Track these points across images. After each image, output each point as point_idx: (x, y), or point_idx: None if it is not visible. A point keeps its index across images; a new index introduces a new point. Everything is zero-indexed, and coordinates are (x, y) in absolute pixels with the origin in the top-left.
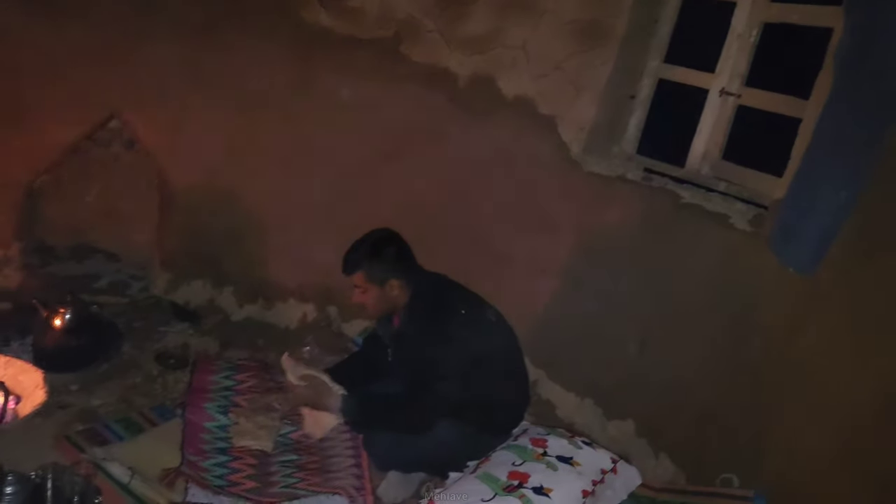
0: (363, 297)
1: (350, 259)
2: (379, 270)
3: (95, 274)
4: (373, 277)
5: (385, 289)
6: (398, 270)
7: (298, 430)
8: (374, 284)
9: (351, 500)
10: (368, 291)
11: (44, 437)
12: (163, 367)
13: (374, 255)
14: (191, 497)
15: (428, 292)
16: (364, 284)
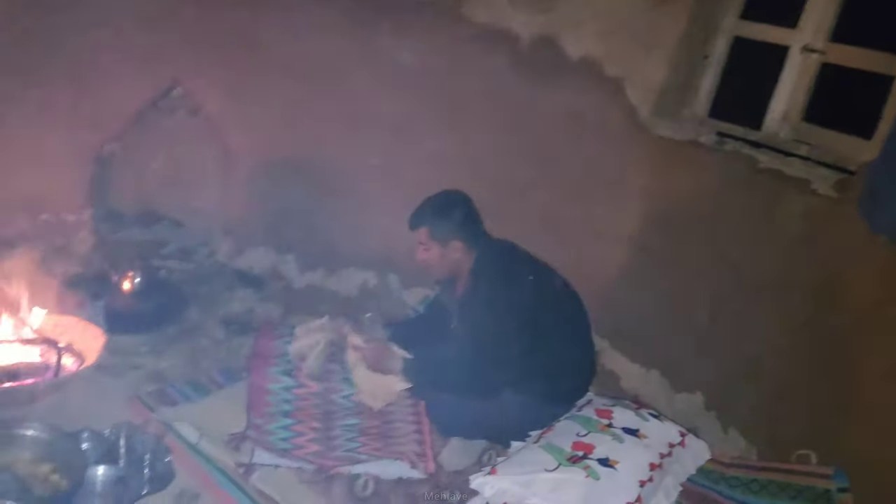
0: (426, 254)
1: (416, 214)
2: (443, 229)
3: (163, 240)
4: (436, 235)
5: (447, 249)
6: (462, 233)
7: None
8: (436, 243)
9: (412, 465)
10: (431, 249)
11: (117, 397)
12: (228, 331)
13: (440, 214)
14: (256, 458)
15: (494, 258)
16: (427, 241)
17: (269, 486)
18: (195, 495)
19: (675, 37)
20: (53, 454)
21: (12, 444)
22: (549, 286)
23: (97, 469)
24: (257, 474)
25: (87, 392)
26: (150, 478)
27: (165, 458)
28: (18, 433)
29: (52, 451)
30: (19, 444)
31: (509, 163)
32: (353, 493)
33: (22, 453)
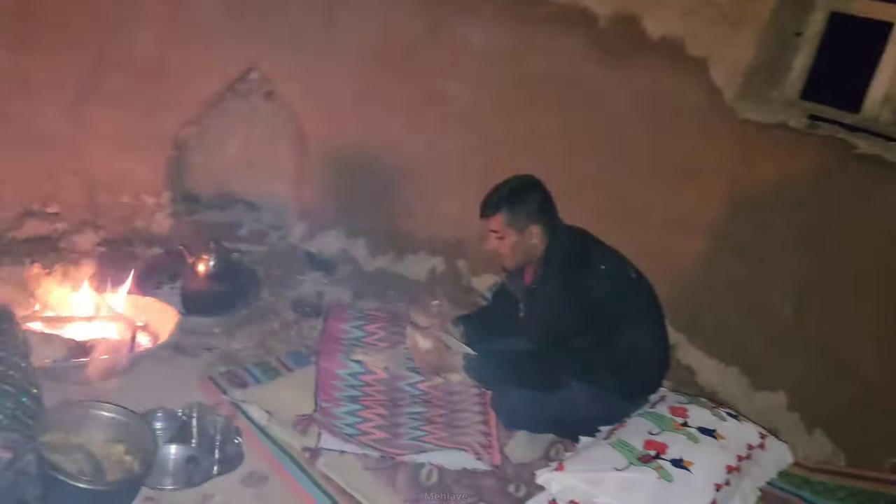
0: (499, 243)
1: (490, 200)
2: (519, 214)
3: (237, 222)
4: (512, 221)
5: (524, 235)
6: (539, 218)
7: (426, 380)
8: (512, 230)
9: (477, 456)
10: (506, 238)
11: (190, 377)
12: (298, 314)
13: (516, 199)
14: (323, 443)
15: (565, 246)
16: (502, 229)
17: (334, 471)
18: (263, 477)
19: (764, 13)
20: (127, 436)
21: (88, 423)
22: (622, 276)
23: (169, 448)
24: (323, 459)
25: (161, 371)
26: (220, 458)
27: (235, 439)
28: (94, 413)
29: (125, 433)
30: (95, 424)
31: (582, 147)
32: (417, 482)
33: (97, 433)
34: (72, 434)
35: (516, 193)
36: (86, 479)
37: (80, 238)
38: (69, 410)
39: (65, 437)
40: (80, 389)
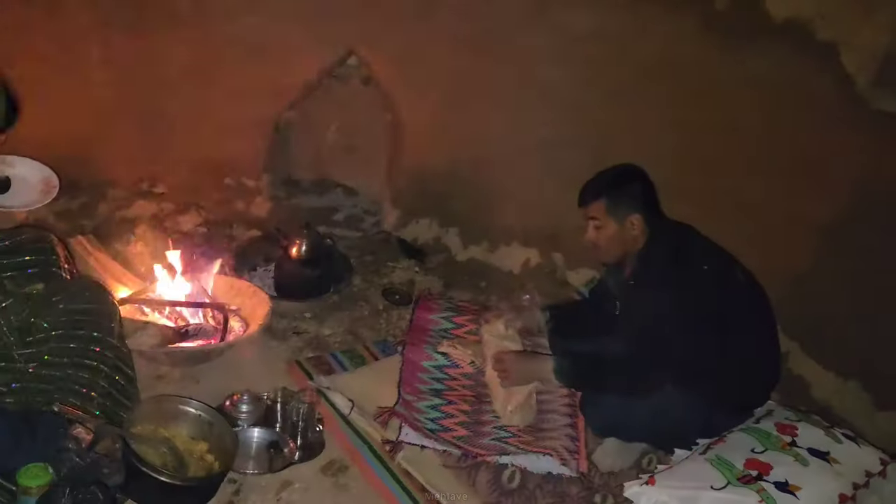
0: (597, 233)
1: (590, 187)
2: (621, 203)
3: (334, 207)
4: (613, 210)
5: (624, 226)
6: (642, 207)
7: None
8: (612, 219)
9: (563, 462)
10: (605, 227)
11: (278, 360)
12: (388, 302)
13: (618, 186)
14: (403, 436)
15: (667, 241)
16: (602, 217)
17: (413, 466)
18: (343, 467)
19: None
20: (210, 435)
21: (176, 418)
22: (730, 277)
23: (252, 431)
24: (403, 453)
25: (251, 353)
26: (302, 445)
27: (317, 427)
28: (183, 409)
29: (209, 432)
30: (182, 419)
31: (690, 138)
32: (499, 484)
33: (183, 429)
34: (161, 427)
35: (619, 181)
36: (167, 473)
37: (184, 218)
38: (160, 404)
39: (154, 429)
40: (172, 372)
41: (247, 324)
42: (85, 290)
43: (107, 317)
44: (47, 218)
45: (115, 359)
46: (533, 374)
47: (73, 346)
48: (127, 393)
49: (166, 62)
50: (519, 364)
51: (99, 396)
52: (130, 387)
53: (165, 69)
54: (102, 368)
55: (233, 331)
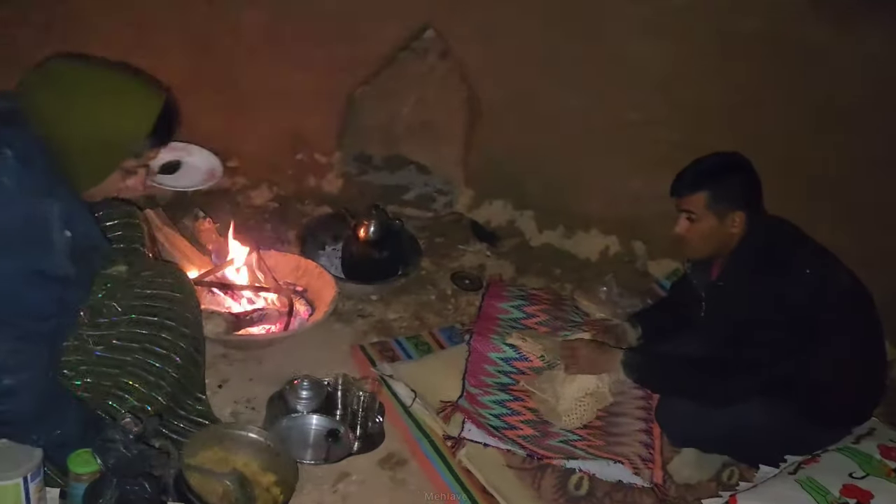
0: (690, 228)
1: (689, 177)
2: (724, 197)
3: (405, 185)
4: (714, 204)
5: (724, 222)
6: (744, 204)
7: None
8: (712, 214)
9: (635, 471)
10: (701, 221)
11: (342, 344)
12: (457, 286)
13: (723, 178)
14: (466, 432)
15: (765, 240)
16: (700, 211)
17: (475, 465)
18: (402, 461)
19: None
20: (278, 468)
21: (246, 447)
22: (832, 282)
23: (311, 419)
24: (465, 450)
25: (314, 335)
26: (362, 436)
27: (377, 417)
28: (252, 438)
29: (277, 465)
30: (252, 449)
31: (794, 123)
32: (565, 490)
33: (253, 460)
34: (231, 455)
35: (723, 172)
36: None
37: (256, 193)
38: (229, 430)
39: (224, 457)
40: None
41: (312, 307)
42: (163, 275)
43: (182, 304)
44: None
45: (188, 349)
46: (601, 364)
47: (143, 332)
48: (196, 383)
49: (241, 34)
50: (589, 351)
51: (168, 386)
52: (199, 376)
53: (240, 41)
54: (174, 358)
55: (298, 314)
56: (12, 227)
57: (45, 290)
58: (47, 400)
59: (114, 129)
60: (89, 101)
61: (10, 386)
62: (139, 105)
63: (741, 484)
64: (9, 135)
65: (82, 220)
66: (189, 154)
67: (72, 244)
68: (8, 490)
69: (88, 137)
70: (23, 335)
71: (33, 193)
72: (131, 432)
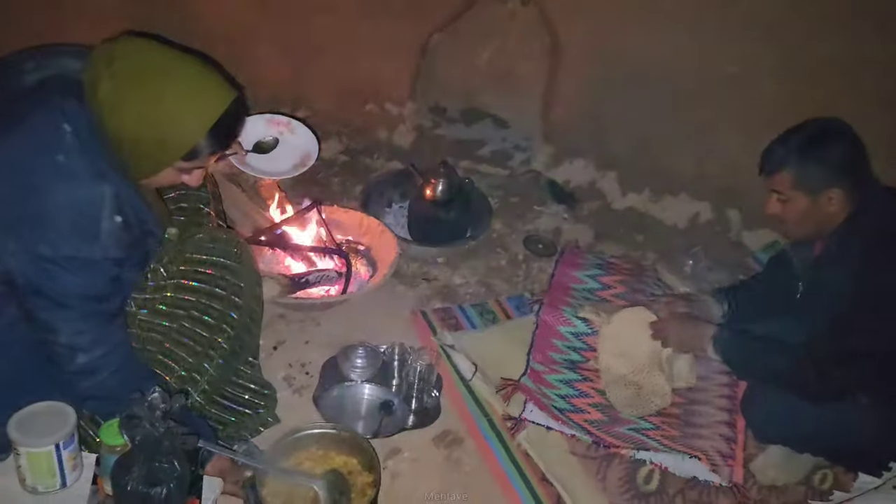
0: (782, 208)
1: (774, 153)
2: (815, 173)
3: (481, 140)
4: (803, 182)
5: (818, 201)
6: (843, 179)
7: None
8: (802, 193)
9: (713, 467)
10: (792, 202)
11: (403, 308)
12: (529, 251)
13: (812, 152)
14: (527, 413)
15: (877, 218)
16: (788, 191)
17: (535, 449)
18: (458, 440)
19: None
20: (374, 465)
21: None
22: None
23: (364, 388)
24: (525, 432)
25: (375, 298)
26: (417, 409)
27: (433, 392)
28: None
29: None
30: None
31: None
32: (633, 484)
33: (351, 457)
34: (329, 452)
35: (813, 145)
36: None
37: (325, 146)
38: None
39: (324, 454)
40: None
41: (374, 268)
42: (216, 241)
43: (235, 273)
44: None
45: (242, 319)
46: (691, 340)
47: (190, 300)
48: (250, 349)
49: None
50: (677, 327)
51: (219, 356)
52: (253, 344)
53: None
54: (225, 329)
55: (358, 276)
56: (62, 208)
57: (94, 273)
58: (128, 375)
59: (168, 129)
60: (146, 98)
61: (85, 364)
62: (199, 109)
63: (835, 494)
64: (72, 110)
65: (135, 207)
66: (291, 132)
67: (123, 229)
68: (41, 457)
69: (140, 134)
70: (84, 315)
71: (87, 175)
72: (158, 409)
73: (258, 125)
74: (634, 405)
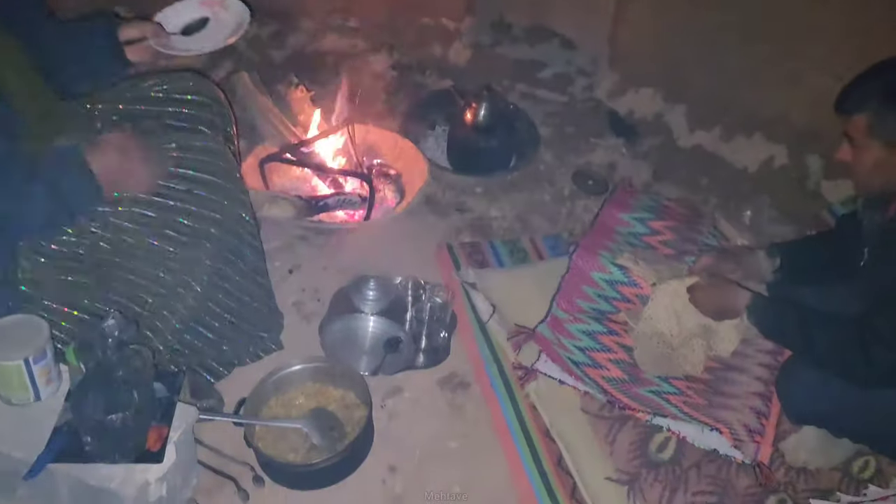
0: (854, 154)
1: (852, 92)
2: (892, 120)
3: (543, 62)
4: (879, 129)
5: (891, 153)
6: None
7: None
8: (877, 142)
9: (736, 443)
10: (865, 150)
11: (430, 239)
12: (577, 187)
13: (892, 96)
14: (540, 364)
15: None
16: (861, 137)
17: (543, 403)
18: (464, 384)
19: None
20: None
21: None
22: None
23: (372, 321)
24: (534, 384)
25: (403, 225)
26: (425, 349)
27: (442, 333)
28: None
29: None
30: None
31: None
32: (645, 451)
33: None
34: (325, 386)
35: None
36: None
37: (375, 58)
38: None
39: (320, 388)
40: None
41: (403, 194)
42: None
43: (217, 188)
44: (237, 45)
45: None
46: (724, 307)
47: (153, 216)
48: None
49: None
50: (710, 293)
51: (207, 276)
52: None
53: None
54: (206, 245)
55: (385, 201)
56: None
57: None
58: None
59: None
60: None
61: None
62: None
63: (870, 489)
64: None
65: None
66: (224, 8)
67: None
68: (10, 370)
69: None
70: None
71: None
72: (111, 337)
73: (189, 8)
74: (661, 366)
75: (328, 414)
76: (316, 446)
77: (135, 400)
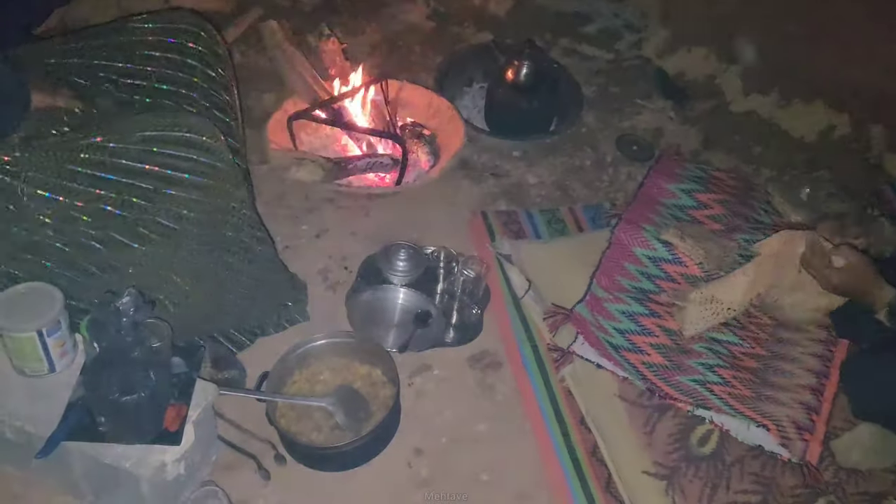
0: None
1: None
2: None
3: (589, 15)
4: None
5: None
6: None
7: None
8: None
9: (783, 440)
10: None
11: (464, 205)
12: (621, 153)
13: None
14: (576, 346)
15: None
16: None
17: (579, 388)
18: (495, 363)
19: None
20: (389, 369)
21: (368, 354)
22: None
23: (401, 293)
24: (571, 367)
25: (436, 190)
26: (457, 324)
27: (474, 308)
28: (380, 349)
29: (383, 360)
30: (371, 355)
31: None
32: (685, 442)
33: (375, 367)
34: (352, 362)
35: None
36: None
37: (411, 7)
38: (362, 343)
39: (346, 364)
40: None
41: (437, 156)
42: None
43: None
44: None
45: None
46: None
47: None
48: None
49: None
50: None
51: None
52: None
53: None
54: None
55: (417, 164)
56: None
57: None
58: None
59: None
60: None
61: None
62: None
63: None
64: None
65: None
66: None
67: None
68: (23, 341)
69: None
70: None
71: None
72: (126, 316)
73: None
74: (695, 322)
75: (354, 392)
76: (340, 425)
77: (151, 381)
